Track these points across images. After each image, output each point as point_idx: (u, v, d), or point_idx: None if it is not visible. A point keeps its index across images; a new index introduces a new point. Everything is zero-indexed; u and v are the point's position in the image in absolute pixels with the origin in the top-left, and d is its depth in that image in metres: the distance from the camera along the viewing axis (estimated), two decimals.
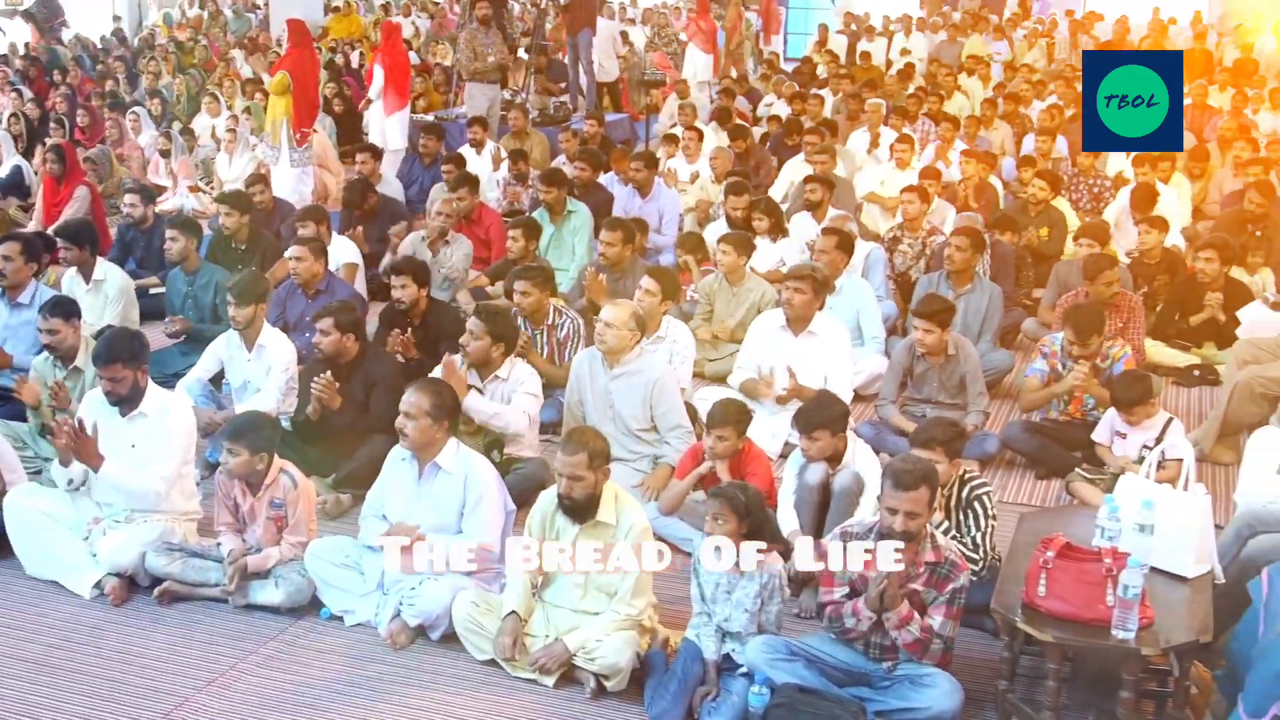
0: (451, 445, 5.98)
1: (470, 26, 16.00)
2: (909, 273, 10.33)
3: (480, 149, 13.81)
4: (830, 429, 6.15)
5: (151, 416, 6.33)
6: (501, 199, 13.02)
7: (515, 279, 8.27)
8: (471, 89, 15.60)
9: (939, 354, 7.78)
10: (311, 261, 8.65)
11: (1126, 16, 23.82)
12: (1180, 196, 12.57)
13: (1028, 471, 7.79)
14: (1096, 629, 4.75)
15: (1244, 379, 7.75)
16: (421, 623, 5.77)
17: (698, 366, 8.69)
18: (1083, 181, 12.93)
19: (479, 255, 10.88)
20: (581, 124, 15.32)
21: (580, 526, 5.49)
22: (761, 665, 5.12)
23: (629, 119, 18.47)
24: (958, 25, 25.23)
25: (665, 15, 24.82)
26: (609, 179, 12.54)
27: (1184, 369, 9.38)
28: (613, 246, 9.43)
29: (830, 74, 20.01)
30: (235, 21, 26.19)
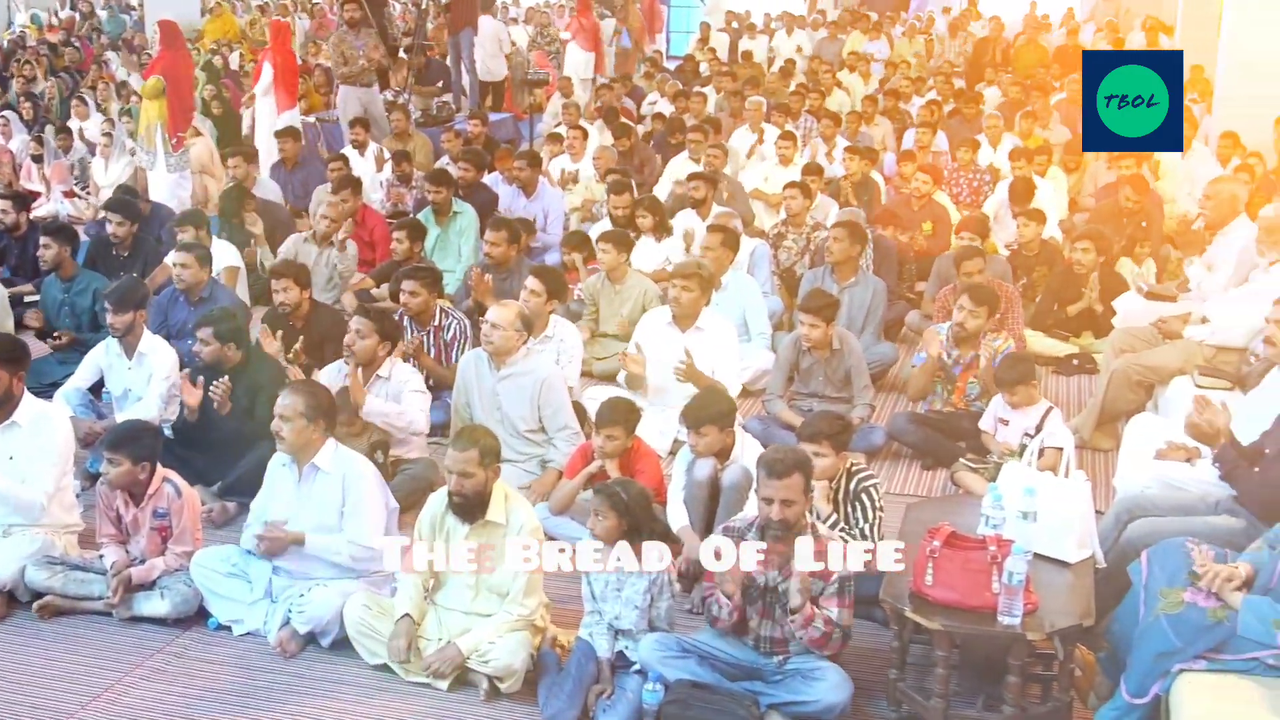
0: (329, 446, 5.92)
1: (339, 30, 15.79)
2: (794, 268, 10.41)
3: (363, 150, 13.68)
4: (717, 424, 6.18)
5: (26, 427, 6.16)
6: (385, 201, 12.91)
7: (402, 280, 8.22)
8: (343, 92, 15.41)
9: (824, 348, 7.84)
10: (196, 269, 8.51)
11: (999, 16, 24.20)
12: (1057, 189, 12.81)
13: (914, 462, 7.88)
14: (983, 616, 4.82)
15: (1121, 367, 7.91)
16: (312, 629, 5.70)
17: (586, 366, 8.69)
18: (962, 176, 13.13)
19: (364, 257, 10.79)
20: (464, 124, 15.23)
21: (470, 526, 5.47)
22: (654, 663, 5.13)
23: (513, 118, 18.40)
24: (837, 23, 25.48)
25: (547, 14, 24.75)
26: (493, 179, 12.50)
27: (1063, 358, 9.57)
28: (498, 246, 9.40)
29: (713, 72, 20.11)
30: (109, 23, 25.68)
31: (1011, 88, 17.89)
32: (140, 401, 7.50)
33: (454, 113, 17.22)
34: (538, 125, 17.38)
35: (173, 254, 8.77)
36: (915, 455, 7.91)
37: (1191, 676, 4.57)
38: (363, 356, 7.08)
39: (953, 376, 7.79)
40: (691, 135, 13.41)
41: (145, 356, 7.57)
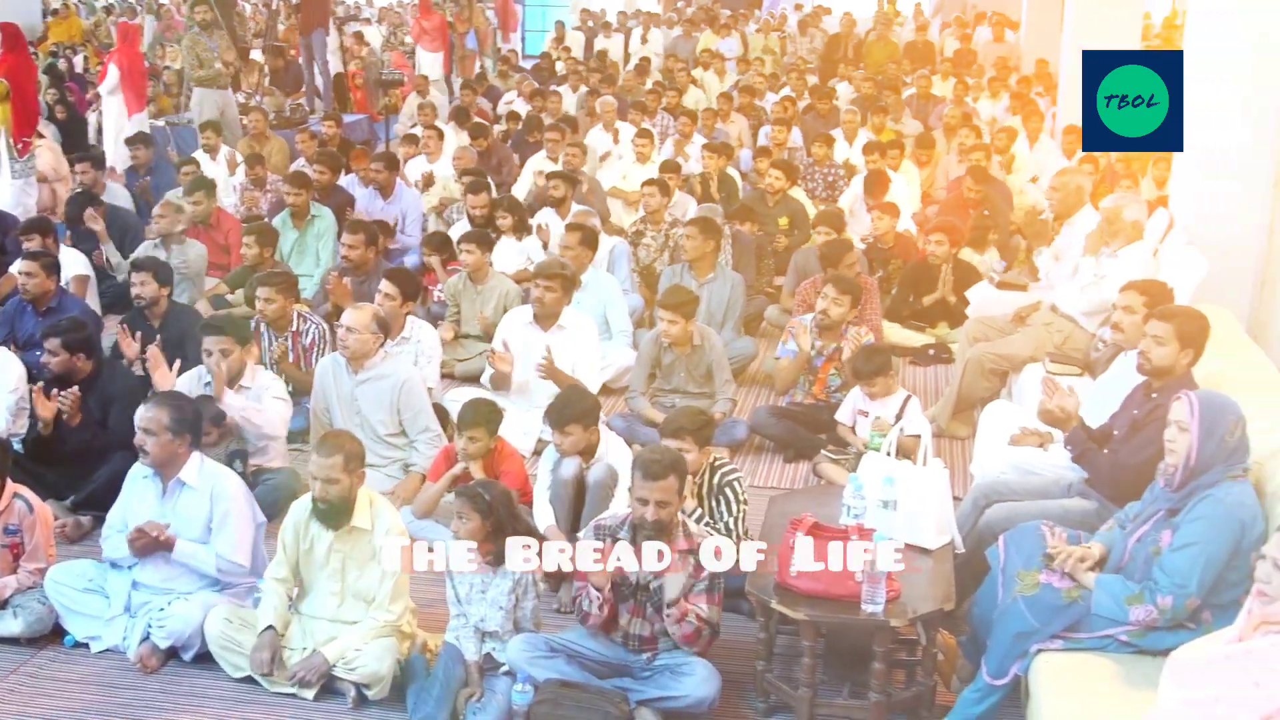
0: (195, 460, 5.80)
1: (192, 31, 15.51)
2: (654, 265, 10.45)
3: (214, 155, 13.42)
4: (581, 423, 6.18)
5: None
6: (239, 204, 12.68)
7: (258, 285, 8.08)
8: (199, 95, 15.12)
9: (685, 344, 7.89)
10: (43, 278, 8.27)
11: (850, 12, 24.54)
12: (909, 183, 13.04)
13: (776, 455, 7.96)
14: (847, 604, 4.88)
15: (975, 355, 8.07)
16: (173, 644, 5.58)
17: (447, 368, 8.64)
18: (818, 171, 13.29)
19: (218, 262, 10.59)
20: (319, 126, 15.04)
21: (335, 533, 5.41)
22: (522, 663, 5.11)
23: (368, 120, 18.22)
24: (691, 21, 25.64)
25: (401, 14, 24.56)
26: (349, 181, 12.35)
27: (919, 349, 9.74)
28: (355, 249, 9.30)
29: (569, 70, 20.12)
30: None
31: (864, 83, 18.15)
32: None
33: (308, 114, 16.99)
34: (393, 126, 17.23)
35: (18, 263, 8.52)
36: (777, 448, 7.99)
37: (1049, 656, 4.69)
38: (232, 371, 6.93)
39: (815, 368, 7.90)
40: (549, 134, 13.40)
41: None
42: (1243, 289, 7.97)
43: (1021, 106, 15.59)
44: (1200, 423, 4.63)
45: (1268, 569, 3.82)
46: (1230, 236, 7.99)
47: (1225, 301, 7.38)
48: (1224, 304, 7.24)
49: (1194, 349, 5.53)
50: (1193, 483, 4.67)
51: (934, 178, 14.19)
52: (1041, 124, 14.70)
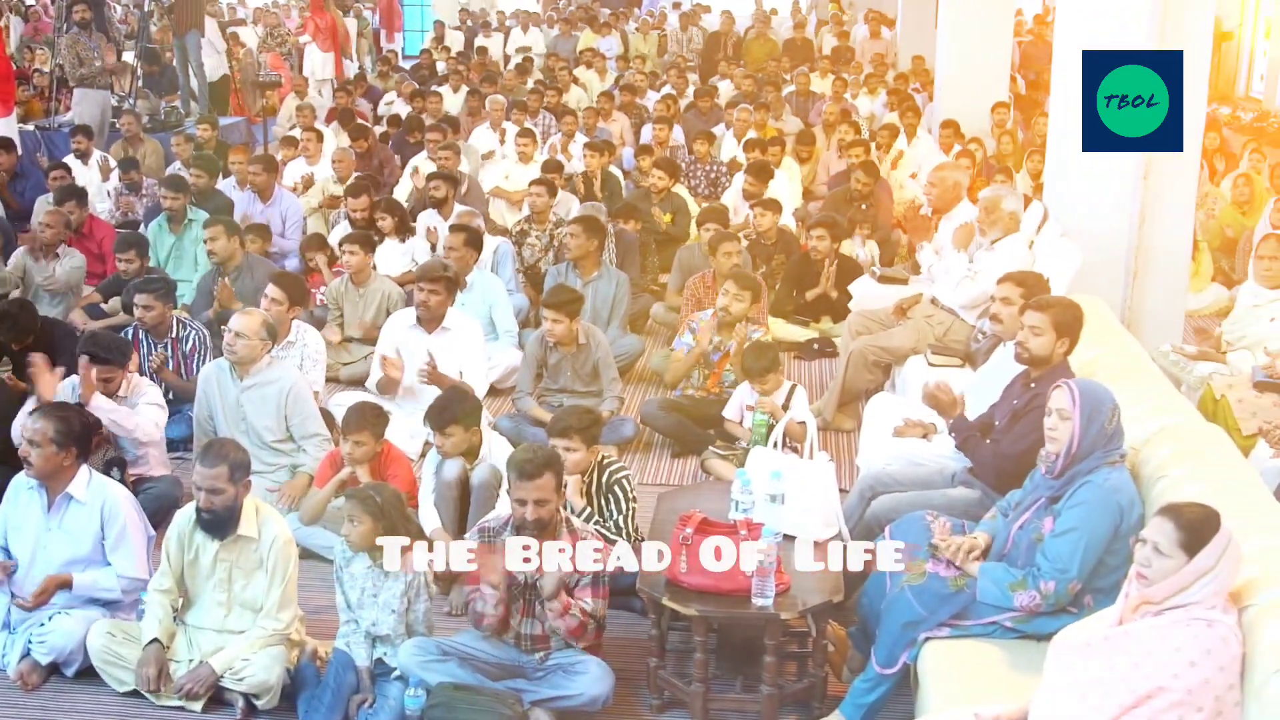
0: (84, 474, 5.68)
1: (71, 31, 15.20)
2: (539, 265, 10.44)
3: (86, 159, 13.14)
4: (463, 424, 6.17)
5: None
6: (114, 210, 12.43)
7: (136, 292, 7.93)
8: (80, 95, 14.81)
9: (570, 343, 7.88)
10: None
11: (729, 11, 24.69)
12: (790, 179, 13.16)
13: (664, 452, 8.00)
14: (738, 599, 4.91)
15: (858, 349, 8.17)
16: (54, 659, 5.46)
17: (332, 371, 8.56)
18: (700, 168, 13.36)
19: (93, 270, 10.37)
20: (194, 129, 14.79)
21: (221, 542, 5.33)
22: (414, 668, 5.08)
23: (245, 122, 17.97)
24: (570, 20, 25.63)
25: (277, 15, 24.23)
26: (227, 184, 12.16)
27: (804, 343, 9.83)
28: (216, 240, 9.15)
29: (450, 70, 20.00)
30: None
31: (744, 81, 18.28)
32: None
33: (184, 117, 16.71)
34: (271, 129, 17.01)
35: None
36: (666, 444, 8.02)
37: (937, 644, 4.76)
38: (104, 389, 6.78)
39: (711, 363, 7.94)
40: (430, 135, 13.31)
41: None
42: (1116, 279, 8.16)
43: (899, 102, 15.79)
44: (1081, 410, 4.73)
45: (1147, 552, 3.91)
46: (1103, 228, 8.17)
47: (1099, 292, 7.55)
48: (1098, 294, 7.41)
49: (1070, 338, 5.65)
50: (1072, 469, 4.77)
51: (815, 173, 14.34)
52: (919, 120, 14.90)
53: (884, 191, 12.17)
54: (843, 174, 12.54)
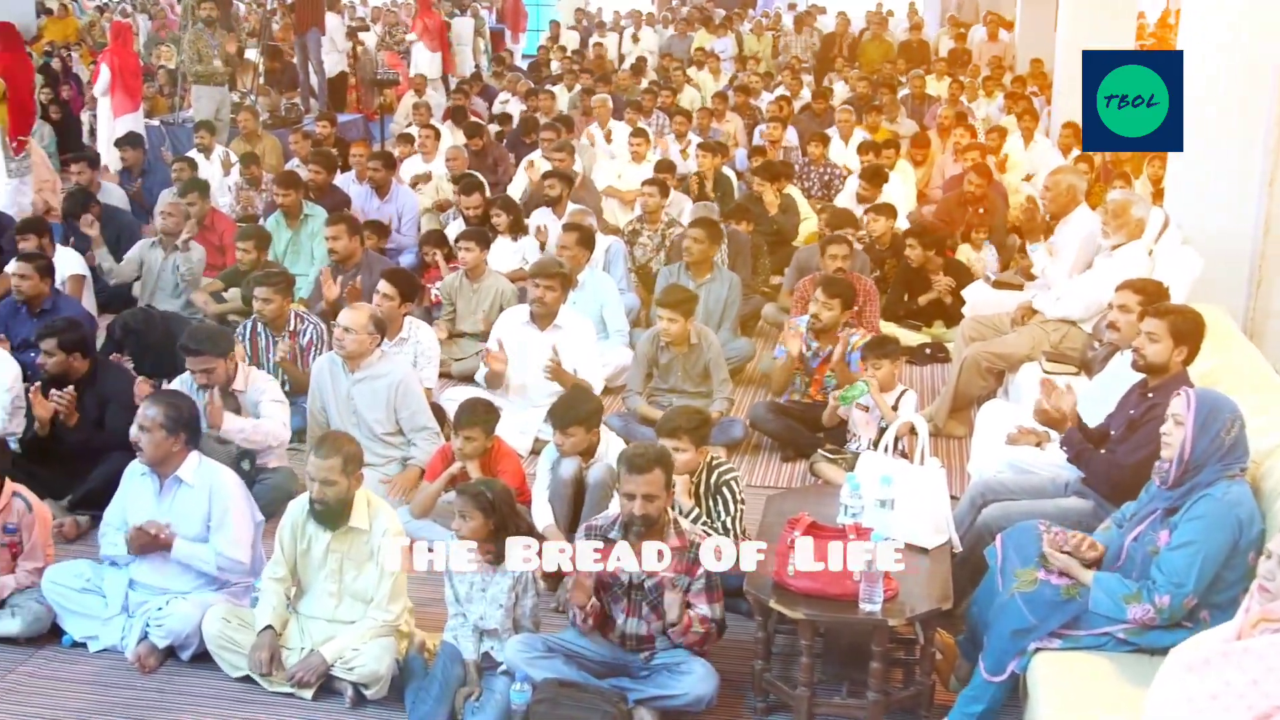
0: (193, 458, 5.80)
1: (195, 28, 15.54)
2: (650, 264, 10.45)
3: (208, 154, 13.41)
4: (585, 425, 6.21)
5: None
6: (234, 204, 12.68)
7: (255, 285, 8.07)
8: (198, 92, 15.13)
9: (682, 343, 7.89)
10: (36, 280, 8.25)
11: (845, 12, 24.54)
12: (904, 182, 13.04)
13: (773, 455, 7.96)
14: (845, 604, 4.88)
15: (971, 355, 8.08)
16: (171, 643, 5.58)
17: (443, 367, 8.64)
18: (813, 170, 13.29)
19: (214, 262, 10.57)
20: (313, 125, 15.03)
21: (333, 533, 5.40)
22: (520, 663, 5.11)
23: (362, 119, 18.22)
24: (686, 20, 25.65)
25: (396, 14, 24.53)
26: (345, 180, 12.34)
27: (916, 348, 9.74)
28: (339, 239, 9.26)
29: (564, 70, 20.12)
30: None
31: (859, 83, 18.17)
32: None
33: (302, 114, 16.99)
34: (388, 126, 17.22)
35: (11, 265, 8.51)
36: (775, 446, 7.99)
37: (1047, 654, 4.69)
38: (219, 381, 6.92)
39: (811, 369, 7.90)
40: (544, 134, 13.39)
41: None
42: (1238, 287, 8.00)
43: (1016, 105, 15.60)
44: (1195, 417, 4.64)
45: (1271, 566, 3.83)
46: (1225, 235, 8.01)
47: (1221, 300, 7.41)
48: (1219, 302, 7.26)
49: (1189, 346, 5.54)
50: (1190, 481, 4.67)
51: (929, 177, 14.21)
52: (1036, 123, 14.71)
53: (999, 195, 12.03)
54: (957, 178, 12.41)
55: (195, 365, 6.80)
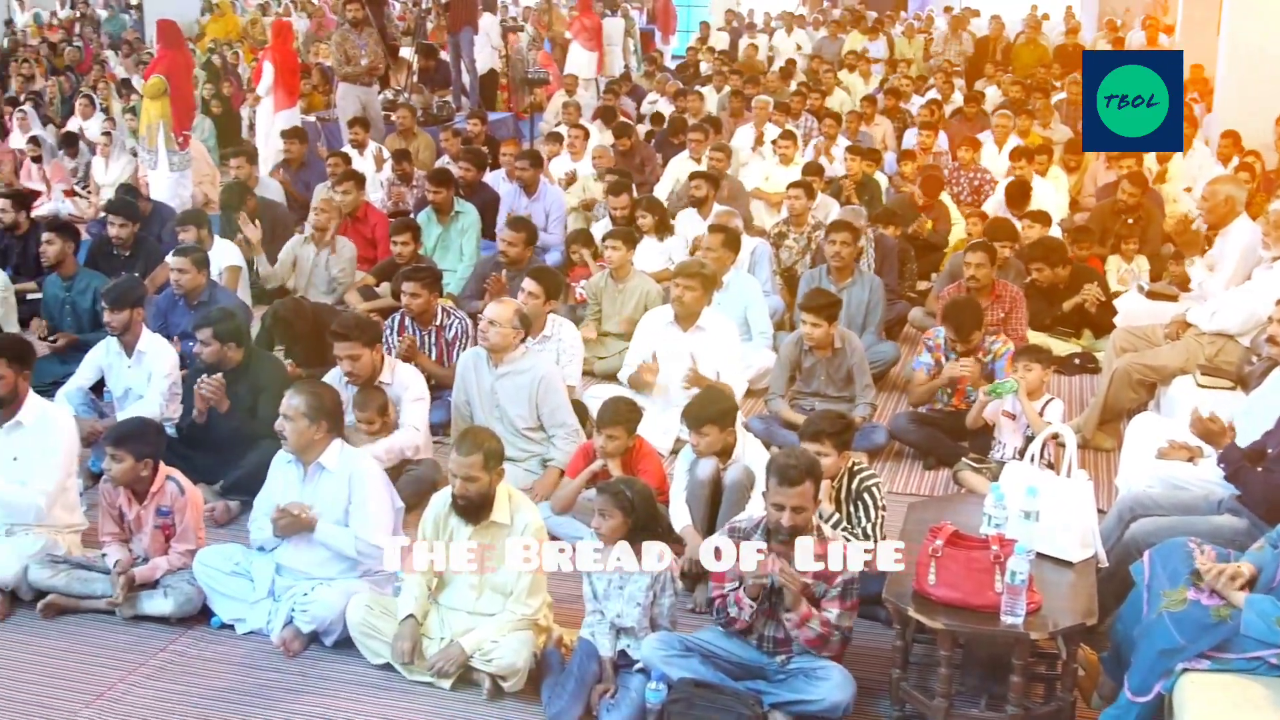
0: (335, 445, 5.92)
1: (342, 28, 15.83)
2: (795, 267, 10.41)
3: (362, 150, 13.66)
4: (719, 424, 6.18)
5: (29, 427, 6.18)
6: (386, 200, 12.90)
7: (403, 280, 8.20)
8: (343, 91, 15.41)
9: (826, 347, 7.85)
10: (194, 274, 8.47)
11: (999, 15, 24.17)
12: (1058, 189, 12.83)
13: (916, 462, 7.88)
14: (986, 615, 4.82)
15: (1123, 366, 7.92)
16: (315, 628, 5.70)
17: (587, 365, 8.69)
18: (963, 175, 13.13)
19: (365, 255, 10.78)
20: (464, 123, 15.22)
21: (474, 527, 5.47)
22: (657, 662, 5.13)
23: (513, 118, 18.40)
24: (838, 22, 25.49)
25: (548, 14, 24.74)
26: (494, 178, 12.49)
27: (1065, 358, 9.56)
28: (514, 246, 9.38)
29: (714, 71, 20.12)
30: (109, 22, 25.67)
31: (1012, 87, 17.89)
32: (141, 400, 7.51)
33: (454, 112, 17.22)
34: (538, 124, 17.38)
35: (170, 258, 8.75)
36: (917, 454, 7.91)
37: (1195, 675, 4.57)
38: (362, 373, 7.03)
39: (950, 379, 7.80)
40: (692, 135, 13.41)
41: (145, 355, 7.58)
42: None
43: None
44: None
45: None
46: None
47: None
48: None
49: None
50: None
51: (1082, 184, 13.92)
52: (1195, 131, 14.34)
53: (1154, 204, 11.76)
54: (1111, 185, 12.15)
55: (342, 351, 6.94)
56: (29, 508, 6.12)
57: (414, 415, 7.15)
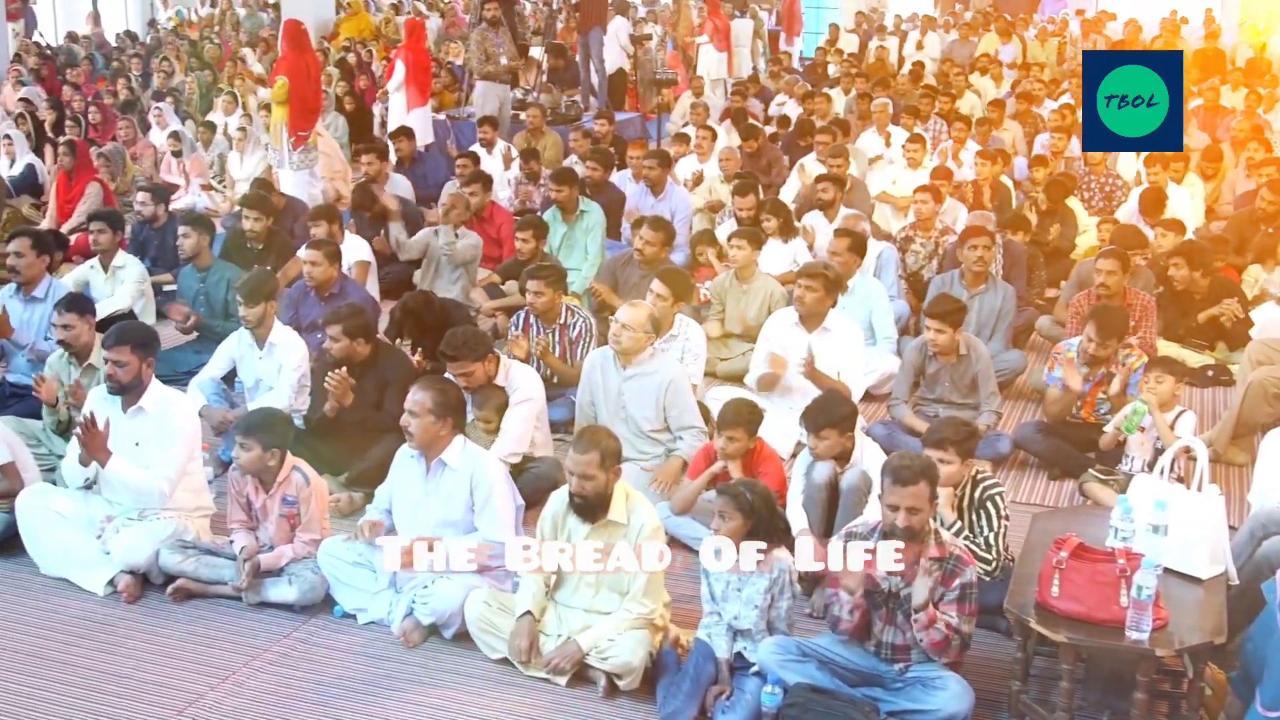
0: (458, 442, 5.99)
1: (480, 27, 16.04)
2: (921, 272, 10.31)
3: (490, 148, 13.80)
4: (838, 428, 6.14)
5: (152, 413, 6.36)
6: (513, 198, 13.02)
7: (528, 278, 8.26)
8: (482, 89, 15.61)
9: (951, 354, 7.77)
10: (326, 266, 8.64)
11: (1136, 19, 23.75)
12: (1193, 197, 12.56)
13: (1040, 472, 7.77)
14: (1110, 630, 4.74)
15: (1258, 379, 7.73)
16: (434, 621, 5.77)
17: (710, 366, 8.68)
18: (1094, 180, 12.90)
19: (490, 254, 10.88)
20: (592, 123, 15.31)
21: (591, 526, 5.49)
22: (773, 666, 5.11)
23: (640, 118, 18.47)
24: (970, 25, 25.19)
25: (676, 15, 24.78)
26: (621, 177, 12.54)
27: (1197, 369, 9.35)
28: (651, 246, 9.41)
29: (842, 73, 20.01)
30: (248, 20, 26.23)
31: None
32: (271, 391, 7.65)
33: (582, 111, 17.32)
34: (665, 125, 17.42)
35: (303, 250, 8.93)
36: (1042, 465, 7.80)
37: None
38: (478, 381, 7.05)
39: (1083, 392, 7.65)
40: (819, 137, 13.34)
41: (275, 347, 7.73)
42: None
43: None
44: None
45: None
46: None
47: None
48: None
49: None
50: None
51: (1219, 192, 13.61)
52: None
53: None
54: (1250, 194, 11.88)
55: (455, 370, 6.98)
56: (152, 491, 6.28)
57: (519, 421, 7.13)
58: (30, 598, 6.19)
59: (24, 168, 14.20)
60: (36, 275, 8.35)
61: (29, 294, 8.33)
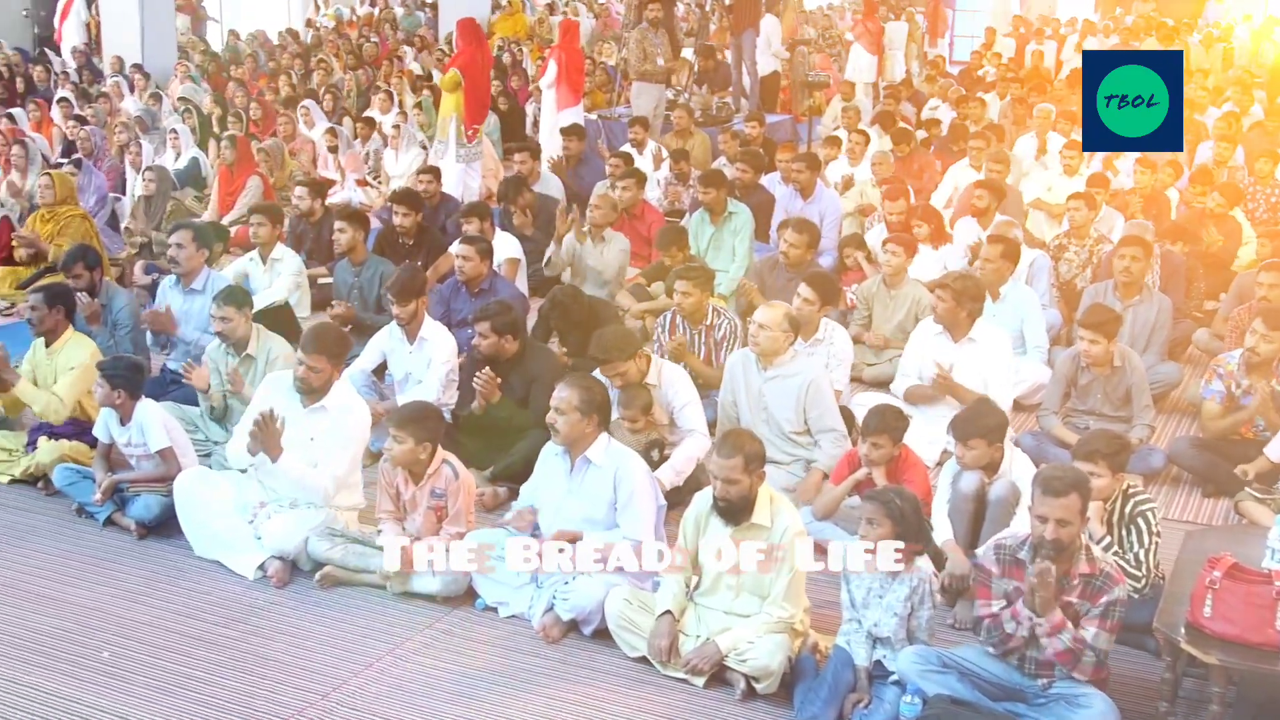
0: (602, 440, 6.04)
1: (641, 27, 16.13)
2: (1074, 281, 10.12)
3: (641, 149, 13.85)
4: (986, 438, 6.05)
5: (332, 412, 6.53)
6: (662, 199, 13.05)
7: (676, 279, 8.28)
8: (639, 89, 15.69)
9: (1104, 365, 7.61)
10: (478, 262, 8.76)
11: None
12: None
13: (1194, 489, 7.58)
14: (1265, 653, 4.62)
15: None
16: (574, 617, 5.81)
17: (856, 370, 8.62)
18: (1260, 190, 12.53)
19: (640, 253, 10.90)
20: (742, 125, 15.29)
21: (734, 528, 5.49)
22: (913, 676, 5.06)
23: (791, 120, 18.40)
24: (1131, 29, 24.65)
25: (830, 17, 24.66)
26: (770, 180, 12.50)
27: None
28: (796, 249, 9.39)
29: (998, 77, 19.70)
30: (405, 19, 26.67)
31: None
32: (420, 385, 7.77)
33: (733, 113, 17.31)
34: (816, 128, 17.32)
35: (455, 246, 9.05)
36: (1196, 481, 7.60)
37: None
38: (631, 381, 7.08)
39: (1241, 407, 7.44)
40: (973, 142, 13.16)
41: (426, 342, 7.85)
42: None
43: None
44: None
45: None
46: None
47: None
48: None
49: None
50: None
51: None
52: None
53: None
54: None
55: (606, 373, 7.01)
56: (317, 489, 6.44)
57: (692, 419, 7.17)
58: (184, 579, 6.38)
59: (189, 161, 14.59)
60: (195, 268, 8.58)
61: (188, 285, 8.56)
